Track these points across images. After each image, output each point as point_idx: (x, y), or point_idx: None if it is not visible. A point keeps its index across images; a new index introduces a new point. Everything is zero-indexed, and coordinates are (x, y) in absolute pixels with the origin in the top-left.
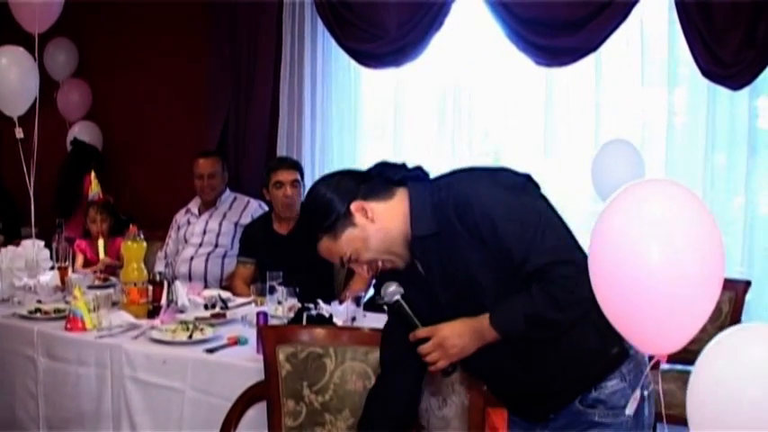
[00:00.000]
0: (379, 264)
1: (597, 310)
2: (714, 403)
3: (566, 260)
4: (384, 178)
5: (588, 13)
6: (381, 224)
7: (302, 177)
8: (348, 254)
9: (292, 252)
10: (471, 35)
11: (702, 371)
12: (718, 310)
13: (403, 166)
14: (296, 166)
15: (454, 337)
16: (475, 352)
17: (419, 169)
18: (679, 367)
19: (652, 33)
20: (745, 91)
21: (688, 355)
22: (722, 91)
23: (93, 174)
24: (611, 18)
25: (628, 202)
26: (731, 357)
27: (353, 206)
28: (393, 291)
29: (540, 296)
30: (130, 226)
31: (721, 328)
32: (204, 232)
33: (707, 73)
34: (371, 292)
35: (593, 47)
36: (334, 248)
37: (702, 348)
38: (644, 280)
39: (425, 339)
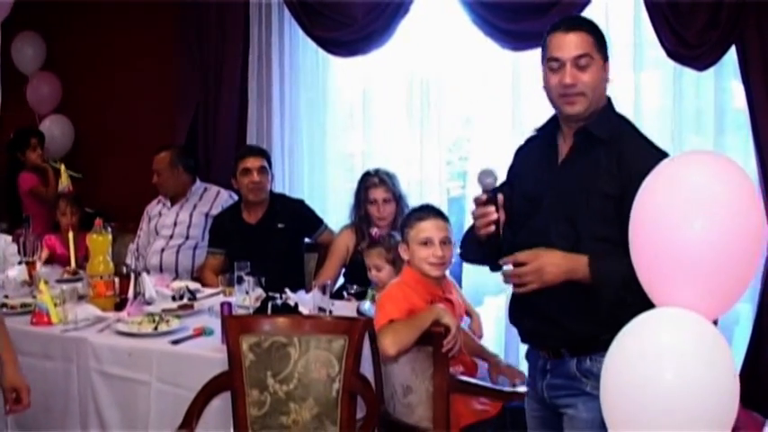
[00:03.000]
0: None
1: None
2: (627, 386)
3: None
4: None
5: None
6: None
7: (270, 165)
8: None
9: (262, 241)
10: (437, 21)
11: (615, 355)
12: None
13: None
14: (263, 154)
15: (552, 265)
16: None
17: None
18: None
19: (617, 16)
20: (711, 72)
21: None
22: (689, 73)
23: (62, 166)
24: (575, 2)
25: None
26: (643, 342)
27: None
28: (491, 181)
29: None
30: (96, 219)
31: None
32: (175, 224)
33: (673, 54)
34: (341, 281)
35: None
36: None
37: None
38: (685, 248)
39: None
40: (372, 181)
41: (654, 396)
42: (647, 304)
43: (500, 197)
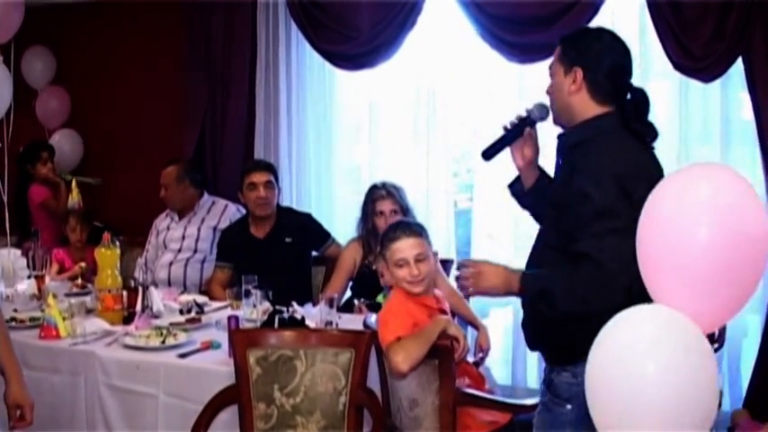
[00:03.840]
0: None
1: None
2: (612, 379)
3: (603, 263)
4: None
5: (559, 9)
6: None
7: (276, 180)
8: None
9: (269, 255)
10: (444, 34)
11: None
12: None
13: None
14: (269, 168)
15: (491, 274)
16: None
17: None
18: None
19: (623, 28)
20: (718, 83)
21: None
22: (695, 84)
23: (74, 182)
24: (582, 14)
25: (677, 182)
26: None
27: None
28: (537, 114)
29: (566, 281)
30: (104, 233)
31: None
32: (183, 238)
33: (678, 66)
34: (348, 294)
35: None
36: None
37: None
38: (692, 258)
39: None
40: (380, 193)
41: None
42: (589, 321)
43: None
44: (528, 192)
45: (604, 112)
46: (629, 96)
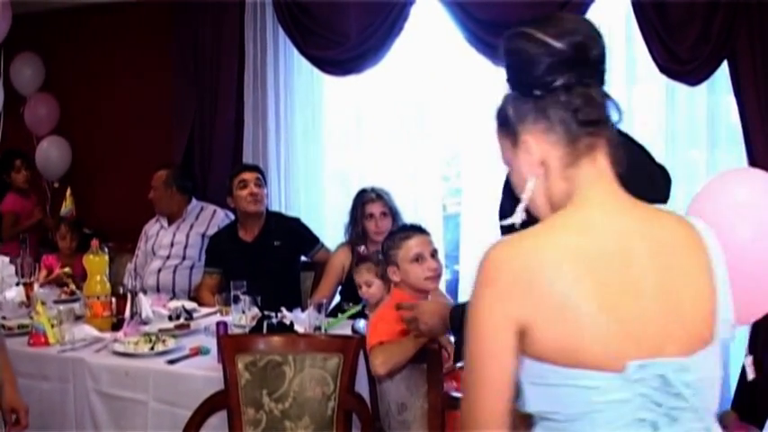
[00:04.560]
0: None
1: None
2: None
3: None
4: None
5: (545, 13)
6: None
7: (264, 182)
8: None
9: (258, 259)
10: (431, 39)
11: None
12: None
13: None
14: (257, 169)
15: (425, 315)
16: None
17: None
18: None
19: (609, 32)
20: (704, 86)
21: None
22: (682, 87)
23: (68, 191)
24: None
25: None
26: None
27: None
28: None
29: None
30: (93, 240)
31: None
32: (172, 245)
33: (665, 70)
34: (337, 299)
35: None
36: None
37: None
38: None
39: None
40: (369, 196)
41: None
42: None
43: None
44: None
45: None
46: None
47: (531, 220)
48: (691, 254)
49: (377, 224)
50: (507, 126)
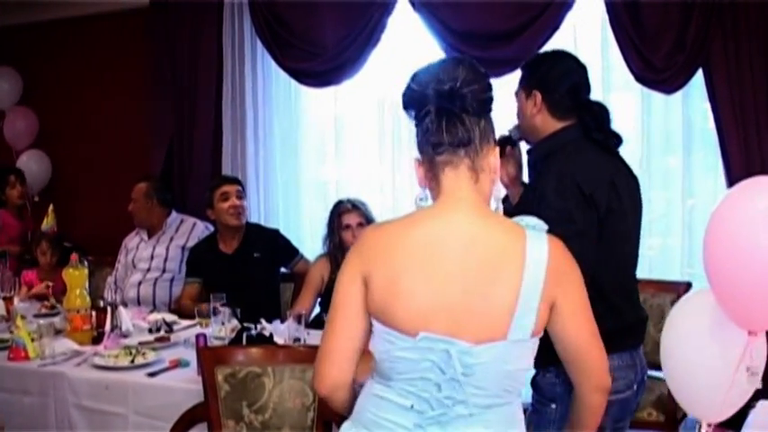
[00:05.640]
0: None
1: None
2: None
3: None
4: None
5: (521, 23)
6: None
7: (245, 193)
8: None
9: (238, 271)
10: (408, 50)
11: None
12: (660, 311)
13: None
14: (238, 182)
15: None
16: None
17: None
18: None
19: (585, 42)
20: (679, 93)
21: None
22: (657, 95)
23: (51, 207)
24: (544, 27)
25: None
26: None
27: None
28: (520, 134)
29: None
30: (72, 254)
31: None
32: (151, 257)
33: (640, 79)
34: (317, 310)
35: (527, 56)
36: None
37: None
38: (756, 263)
39: None
40: (345, 207)
41: None
42: None
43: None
44: (515, 207)
45: (566, 125)
46: (588, 110)
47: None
48: (505, 265)
49: (353, 234)
50: None
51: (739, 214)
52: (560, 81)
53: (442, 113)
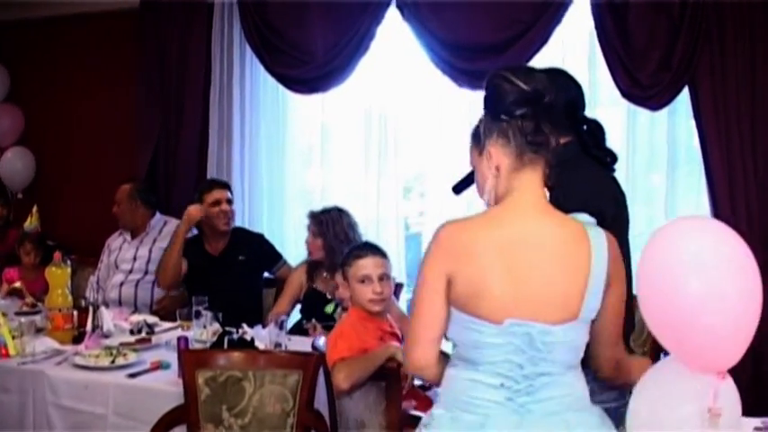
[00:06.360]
0: None
1: None
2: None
3: None
4: None
5: (509, 37)
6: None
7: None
8: None
9: (223, 272)
10: (396, 59)
11: None
12: (641, 326)
13: None
14: (228, 187)
15: None
16: None
17: None
18: None
19: (572, 57)
20: (665, 111)
21: None
22: (642, 112)
23: (35, 208)
24: (532, 42)
25: (670, 237)
26: None
27: None
28: None
29: None
30: (56, 252)
31: (644, 346)
32: (134, 259)
33: (627, 95)
34: (298, 316)
35: None
36: None
37: None
38: (688, 308)
39: None
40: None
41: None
42: None
43: None
44: None
45: (565, 142)
46: (585, 127)
47: None
48: (574, 254)
49: (313, 247)
50: (478, 139)
51: (669, 259)
52: (557, 97)
53: (541, 117)
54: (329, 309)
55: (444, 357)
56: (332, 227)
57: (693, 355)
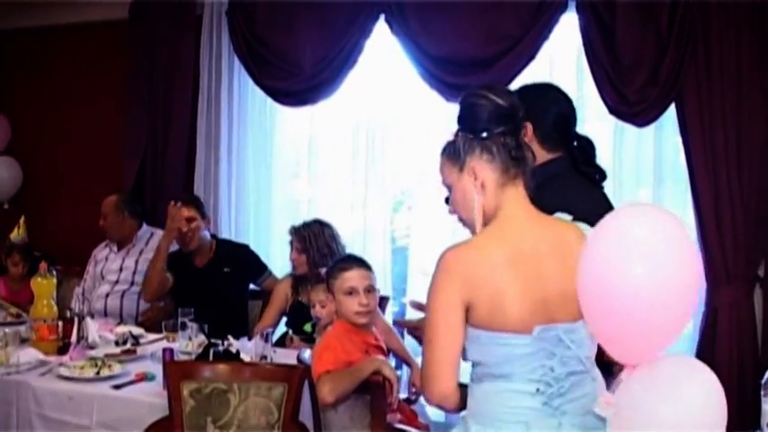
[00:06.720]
0: None
1: None
2: None
3: None
4: None
5: (497, 51)
6: (532, 146)
7: (200, 210)
8: None
9: (208, 284)
10: (384, 73)
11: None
12: None
13: None
14: (191, 203)
15: None
16: None
17: None
18: None
19: (560, 73)
20: (651, 127)
21: None
22: (629, 128)
23: (22, 218)
24: (520, 57)
25: (614, 224)
26: None
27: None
28: None
29: None
30: (41, 263)
31: None
32: (120, 270)
33: (614, 111)
34: (284, 329)
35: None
36: None
37: None
38: (627, 297)
39: None
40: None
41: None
42: None
43: None
44: None
45: (555, 157)
46: (575, 143)
47: None
48: (576, 251)
49: (299, 262)
50: (457, 156)
51: (612, 242)
52: (548, 112)
53: (518, 133)
54: (308, 327)
55: (460, 385)
56: (315, 242)
57: (622, 343)
